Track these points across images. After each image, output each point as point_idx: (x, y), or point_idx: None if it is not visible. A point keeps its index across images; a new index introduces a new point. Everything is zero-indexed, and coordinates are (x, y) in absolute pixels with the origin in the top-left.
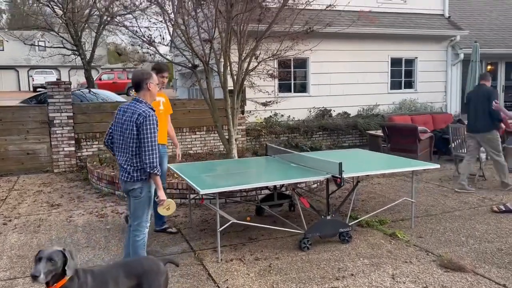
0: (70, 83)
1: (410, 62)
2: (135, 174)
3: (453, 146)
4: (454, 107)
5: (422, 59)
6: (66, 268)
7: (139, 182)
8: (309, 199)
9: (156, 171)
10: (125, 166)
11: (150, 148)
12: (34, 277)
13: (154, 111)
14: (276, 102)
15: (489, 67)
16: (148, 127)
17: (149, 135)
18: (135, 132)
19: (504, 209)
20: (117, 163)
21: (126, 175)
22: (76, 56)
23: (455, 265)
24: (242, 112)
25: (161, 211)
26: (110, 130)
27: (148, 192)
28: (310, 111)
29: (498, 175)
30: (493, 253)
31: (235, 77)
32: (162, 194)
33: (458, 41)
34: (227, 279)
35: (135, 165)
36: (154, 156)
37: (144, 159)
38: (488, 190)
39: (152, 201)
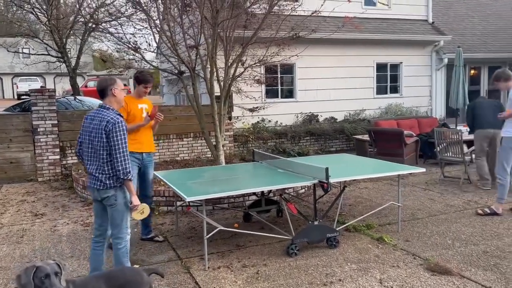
0: (54, 91)
1: (395, 67)
2: (107, 182)
3: (438, 150)
4: (439, 111)
5: (407, 64)
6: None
7: (112, 189)
8: (297, 204)
9: (129, 177)
10: (96, 175)
11: (121, 154)
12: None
13: (122, 117)
14: (263, 108)
15: (472, 71)
16: (118, 133)
17: (119, 142)
18: (104, 140)
19: (488, 211)
20: (87, 172)
21: (99, 183)
22: (61, 63)
23: (441, 269)
24: (229, 118)
25: (136, 215)
26: (80, 140)
27: (123, 198)
28: (297, 117)
29: None
30: (479, 256)
31: (221, 83)
32: (135, 200)
33: (442, 46)
34: (215, 287)
35: (107, 172)
36: (126, 162)
37: (116, 166)
38: (473, 193)
39: (129, 206)
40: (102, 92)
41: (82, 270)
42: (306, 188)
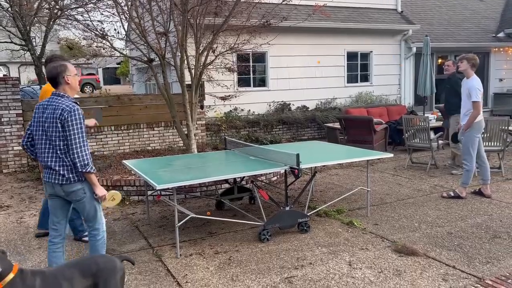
0: (18, 79)
1: (365, 56)
2: (71, 175)
3: (406, 136)
4: (408, 99)
5: (377, 52)
6: None
7: (78, 183)
8: (269, 191)
9: (89, 169)
10: (56, 168)
11: (78, 145)
12: None
13: (78, 104)
14: (236, 96)
15: (439, 60)
16: (74, 122)
17: (75, 131)
18: (60, 129)
19: (452, 194)
20: (41, 165)
21: (61, 178)
22: (25, 52)
23: (408, 250)
24: (201, 107)
25: (108, 203)
26: (29, 132)
27: (91, 189)
28: (269, 105)
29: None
30: (443, 237)
31: (192, 71)
32: (100, 190)
33: (411, 35)
34: (186, 274)
35: (67, 164)
36: (84, 153)
37: (73, 158)
38: (439, 177)
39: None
40: (53, 80)
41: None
42: (278, 176)
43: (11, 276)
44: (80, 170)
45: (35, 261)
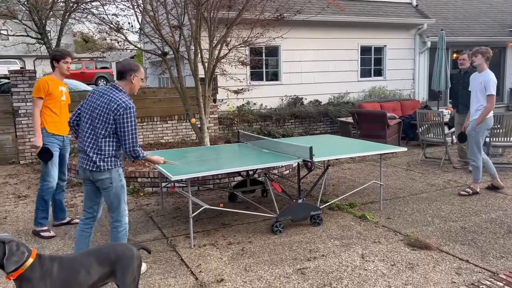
0: (35, 72)
1: (379, 50)
2: (101, 164)
3: (420, 131)
4: (422, 94)
5: (391, 47)
6: (4, 261)
7: (107, 172)
8: (281, 185)
9: (141, 156)
10: (90, 154)
11: (131, 139)
12: None
13: (133, 103)
14: (248, 90)
15: (455, 55)
16: (129, 119)
17: (130, 127)
18: (110, 121)
19: (471, 192)
20: (78, 148)
21: (92, 164)
22: (41, 45)
23: (421, 244)
24: (214, 101)
25: (174, 162)
26: (78, 111)
27: (119, 181)
28: (282, 99)
29: None
30: (457, 232)
31: (206, 64)
32: (158, 159)
33: (425, 30)
34: (200, 264)
35: (102, 153)
36: (135, 145)
37: (127, 151)
38: (453, 173)
39: (125, 189)
40: (121, 73)
41: (67, 249)
42: (290, 170)
43: (30, 261)
44: (133, 159)
45: (53, 249)
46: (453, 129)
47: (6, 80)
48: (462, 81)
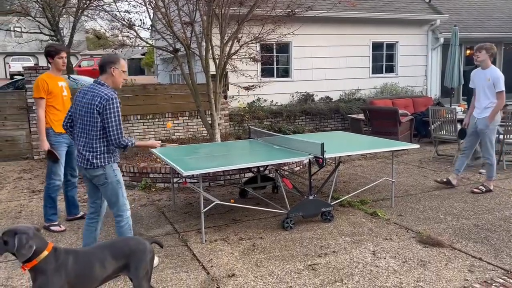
0: (48, 68)
1: (391, 46)
2: (95, 161)
3: (432, 128)
4: (434, 90)
5: (403, 43)
6: (16, 253)
7: (100, 169)
8: (292, 181)
9: (129, 145)
10: (83, 152)
11: (115, 128)
12: None
13: (116, 94)
14: (259, 87)
15: (468, 51)
16: (112, 110)
17: (113, 118)
18: (96, 116)
19: (484, 189)
20: (76, 148)
21: (86, 162)
22: (54, 42)
23: (433, 241)
24: (225, 97)
25: (172, 145)
26: (70, 113)
27: (114, 176)
28: (292, 96)
29: None
30: (470, 229)
31: (217, 61)
32: (154, 143)
33: (438, 26)
34: (212, 259)
35: (94, 151)
36: (121, 136)
37: (112, 141)
38: (466, 170)
39: (123, 184)
40: (102, 67)
41: (80, 243)
42: (301, 166)
43: (45, 253)
44: (124, 150)
45: (67, 243)
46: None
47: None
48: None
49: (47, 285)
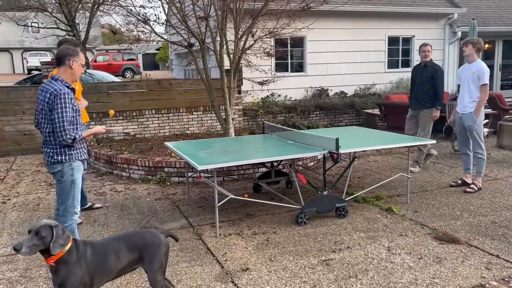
0: None
1: (407, 40)
2: (54, 157)
3: (448, 122)
4: (451, 85)
5: (419, 37)
6: (51, 244)
7: (59, 165)
8: (306, 176)
9: (76, 138)
10: (44, 149)
11: (61, 124)
12: (15, 250)
13: (70, 89)
14: (273, 81)
15: (486, 45)
16: (59, 105)
17: (60, 115)
18: (48, 113)
19: (476, 188)
20: None
21: (47, 157)
22: (71, 37)
23: (449, 238)
24: (239, 92)
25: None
26: (37, 112)
27: (70, 176)
28: (307, 91)
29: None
30: (487, 226)
31: (231, 55)
32: (97, 130)
33: (456, 19)
34: (226, 253)
35: (52, 147)
36: (65, 131)
37: (57, 137)
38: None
39: (77, 185)
40: (59, 59)
41: (97, 236)
42: (315, 162)
43: (69, 245)
44: (71, 143)
45: (83, 235)
46: (485, 121)
47: (38, 72)
48: (421, 75)
49: (71, 276)
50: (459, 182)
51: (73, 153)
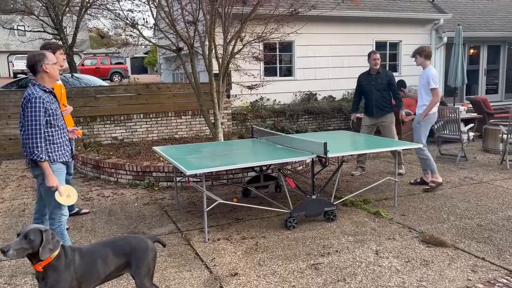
0: None
1: (394, 45)
2: (32, 161)
3: (436, 127)
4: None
5: (406, 42)
6: (40, 249)
7: (37, 169)
8: (295, 180)
9: (35, 157)
10: (24, 152)
11: (30, 132)
12: (2, 252)
13: (49, 92)
14: (262, 86)
15: (471, 50)
16: (29, 110)
17: (29, 118)
18: (23, 117)
19: (435, 185)
20: None
21: (27, 162)
22: (58, 41)
23: (436, 241)
24: (228, 96)
25: (61, 200)
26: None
27: None
28: (295, 95)
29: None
30: (473, 229)
31: (220, 60)
32: (50, 180)
33: (442, 25)
34: (214, 258)
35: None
36: (34, 140)
37: (25, 144)
38: (469, 170)
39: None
40: (32, 68)
41: (84, 242)
42: (303, 165)
43: (57, 251)
44: (30, 157)
45: (71, 241)
46: (470, 125)
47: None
48: (375, 82)
49: (60, 282)
50: (418, 180)
51: (51, 155)
